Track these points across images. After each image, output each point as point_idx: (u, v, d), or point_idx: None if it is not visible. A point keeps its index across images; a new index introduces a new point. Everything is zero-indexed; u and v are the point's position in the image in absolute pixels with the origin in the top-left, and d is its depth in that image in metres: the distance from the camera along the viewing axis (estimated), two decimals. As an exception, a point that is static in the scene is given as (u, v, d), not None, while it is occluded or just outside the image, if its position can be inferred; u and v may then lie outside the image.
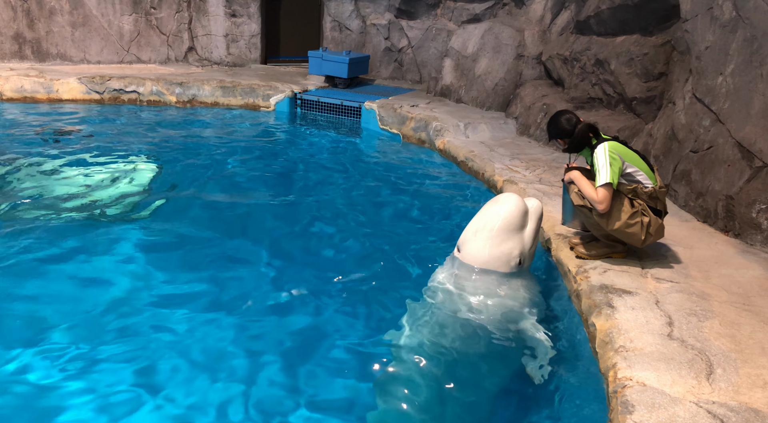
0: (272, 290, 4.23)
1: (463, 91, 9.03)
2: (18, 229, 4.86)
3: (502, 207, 3.88)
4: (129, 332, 3.68)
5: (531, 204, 4.00)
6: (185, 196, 5.82)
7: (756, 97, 4.48)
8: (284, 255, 4.76)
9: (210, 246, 4.82)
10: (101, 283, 4.22)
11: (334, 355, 3.59)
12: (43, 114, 8.53)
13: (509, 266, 3.87)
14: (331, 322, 3.90)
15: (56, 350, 3.47)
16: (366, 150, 7.88)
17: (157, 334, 3.67)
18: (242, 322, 3.84)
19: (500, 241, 3.84)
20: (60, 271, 4.33)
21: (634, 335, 3.19)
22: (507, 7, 9.50)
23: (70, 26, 10.29)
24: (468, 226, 4.01)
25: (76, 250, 4.60)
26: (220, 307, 3.99)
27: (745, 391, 2.78)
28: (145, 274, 4.34)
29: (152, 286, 4.21)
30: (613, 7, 6.80)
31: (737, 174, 4.56)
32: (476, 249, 3.88)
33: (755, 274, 3.99)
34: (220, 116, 9.06)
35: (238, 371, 3.40)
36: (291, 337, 3.71)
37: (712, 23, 5.01)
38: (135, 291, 4.13)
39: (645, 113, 6.42)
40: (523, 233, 3.91)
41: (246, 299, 4.09)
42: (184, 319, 3.83)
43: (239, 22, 11.04)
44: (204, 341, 3.63)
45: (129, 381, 3.27)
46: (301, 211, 5.63)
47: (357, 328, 3.86)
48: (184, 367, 3.41)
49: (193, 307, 3.98)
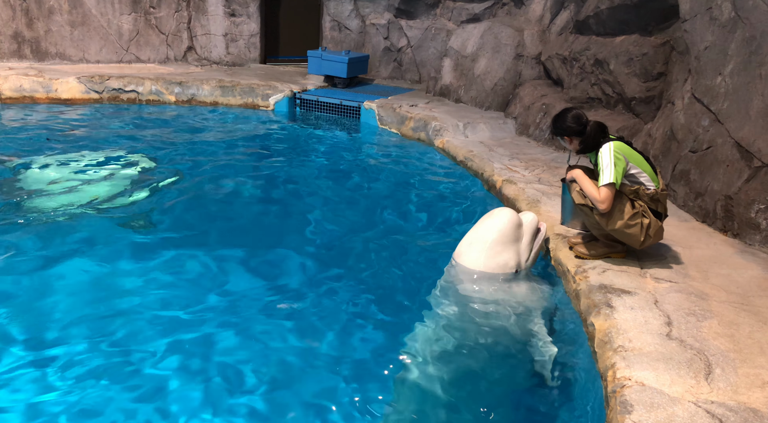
0: (268, 290, 4.23)
1: (462, 90, 9.03)
2: (17, 229, 4.85)
3: (496, 220, 4.03)
4: (128, 332, 3.67)
5: (526, 218, 4.15)
6: (184, 196, 5.81)
7: (755, 97, 4.48)
8: (282, 255, 4.76)
9: (208, 246, 4.82)
10: (100, 283, 4.21)
11: (331, 356, 3.58)
12: (41, 113, 8.53)
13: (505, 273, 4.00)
14: (330, 321, 3.90)
15: (51, 349, 3.47)
16: (365, 150, 7.88)
17: (155, 334, 3.66)
18: (240, 322, 3.83)
19: (495, 253, 3.97)
20: (57, 270, 4.31)
21: (633, 335, 3.19)
22: (506, 7, 9.51)
23: (69, 25, 10.29)
24: (463, 238, 4.15)
25: (73, 249, 4.59)
26: (219, 308, 3.99)
27: (744, 391, 2.78)
28: (142, 273, 4.33)
29: (150, 286, 4.20)
30: (612, 7, 6.80)
31: (736, 174, 4.56)
32: (471, 261, 4.01)
33: (754, 274, 3.99)
34: (219, 116, 9.05)
35: (236, 371, 3.39)
36: (289, 338, 3.71)
37: (711, 23, 5.02)
38: (133, 290, 4.12)
39: (644, 113, 6.43)
40: (518, 245, 4.05)
41: (244, 300, 4.08)
42: (182, 320, 3.83)
43: (238, 21, 11.04)
44: (202, 341, 3.63)
45: (123, 381, 3.26)
46: (300, 211, 5.63)
47: (355, 328, 3.85)
48: (182, 368, 3.41)
49: (191, 307, 3.98)
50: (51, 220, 5.05)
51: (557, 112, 4.18)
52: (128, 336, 3.64)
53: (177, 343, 3.59)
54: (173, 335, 3.66)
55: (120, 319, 3.79)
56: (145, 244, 4.77)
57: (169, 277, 4.32)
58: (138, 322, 3.77)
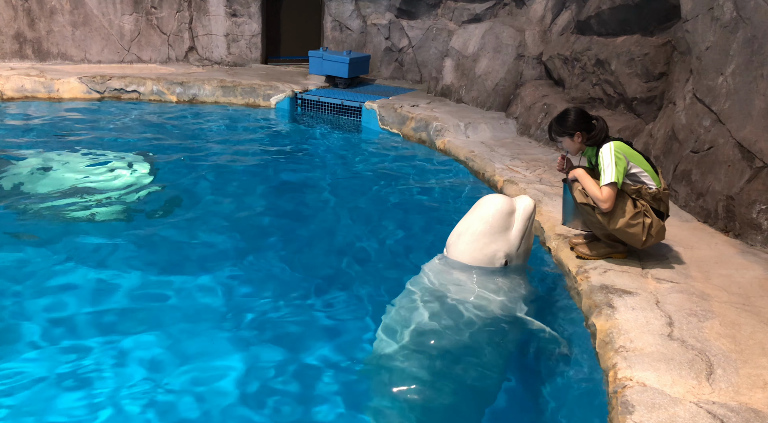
0: (267, 290, 4.23)
1: (463, 91, 9.03)
2: (15, 229, 4.86)
3: (484, 210, 3.87)
4: (125, 333, 3.67)
5: (522, 203, 3.91)
6: (184, 196, 5.82)
7: (756, 97, 4.48)
8: (281, 255, 4.76)
9: (208, 245, 4.82)
10: (99, 283, 4.20)
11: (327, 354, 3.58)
12: (43, 113, 8.53)
13: (494, 267, 3.88)
14: (329, 322, 3.90)
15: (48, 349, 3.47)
16: (366, 150, 7.88)
17: (153, 334, 3.66)
18: (239, 322, 3.84)
19: (483, 245, 3.83)
20: (54, 270, 4.31)
21: (635, 335, 3.19)
22: (507, 7, 9.50)
23: (70, 26, 10.30)
24: (454, 228, 4.02)
25: (72, 248, 4.59)
26: (218, 308, 3.99)
27: (745, 392, 2.78)
28: (142, 273, 4.32)
29: (148, 285, 4.20)
30: (613, 7, 6.80)
31: (738, 174, 4.56)
32: (459, 252, 3.89)
33: (755, 275, 3.99)
34: (221, 116, 9.06)
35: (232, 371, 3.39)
36: (287, 339, 3.71)
37: (712, 23, 5.02)
38: (131, 290, 4.12)
39: (645, 113, 6.42)
40: (509, 234, 3.86)
41: (243, 299, 4.09)
42: (180, 319, 3.83)
43: (240, 21, 11.04)
44: (199, 343, 3.63)
45: (118, 381, 3.24)
46: (301, 210, 5.64)
47: (353, 328, 3.85)
48: (179, 367, 3.41)
49: (188, 307, 3.98)
50: (47, 219, 5.06)
51: (556, 115, 4.14)
52: (124, 336, 3.62)
53: (175, 344, 3.59)
54: (172, 336, 3.66)
55: (114, 318, 3.80)
56: (142, 243, 4.77)
57: (164, 275, 4.31)
58: (129, 323, 3.76)
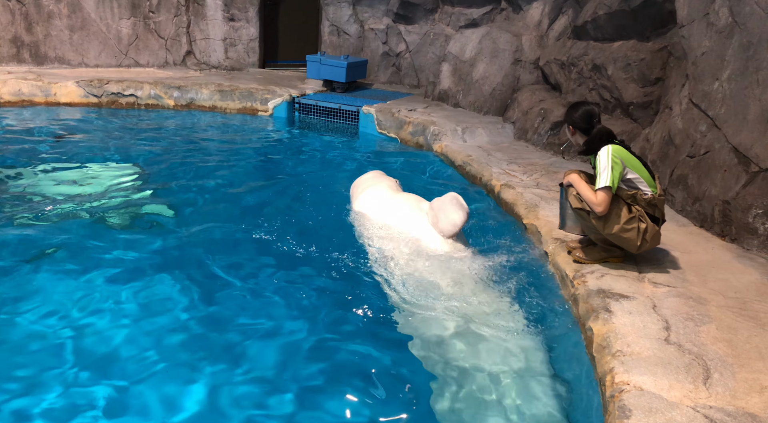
0: (266, 292, 4.23)
1: (460, 95, 9.05)
2: (14, 229, 4.85)
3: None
4: (125, 332, 3.68)
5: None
6: (181, 200, 5.81)
7: (752, 102, 4.50)
8: (281, 258, 4.75)
9: (205, 250, 4.81)
10: (98, 284, 4.20)
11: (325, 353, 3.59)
12: (40, 117, 8.53)
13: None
14: (328, 321, 3.91)
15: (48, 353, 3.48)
16: (363, 154, 7.89)
17: (152, 335, 3.67)
18: (238, 323, 3.84)
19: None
20: (52, 271, 4.31)
21: (632, 340, 3.19)
22: (504, 12, 9.54)
23: (68, 30, 10.30)
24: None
25: (71, 251, 4.59)
26: (216, 309, 3.99)
27: (742, 396, 2.78)
28: (137, 278, 4.32)
29: (147, 287, 4.20)
30: (610, 13, 6.83)
31: (734, 179, 4.57)
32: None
33: (752, 279, 4.00)
34: (218, 120, 9.06)
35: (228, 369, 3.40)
36: (286, 339, 3.72)
37: (708, 29, 5.04)
38: (129, 293, 4.12)
39: (642, 118, 6.45)
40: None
41: (240, 305, 4.08)
42: (179, 319, 3.83)
43: (237, 26, 11.06)
44: (198, 344, 3.63)
45: (113, 384, 3.25)
46: (298, 215, 5.63)
47: (352, 330, 3.85)
48: (177, 369, 3.40)
49: (187, 309, 3.98)
50: (44, 222, 5.04)
51: (573, 103, 4.17)
52: (124, 335, 3.63)
53: (171, 345, 3.60)
54: (169, 337, 3.66)
55: (113, 321, 3.79)
56: (141, 246, 4.76)
57: (161, 280, 4.30)
58: (133, 324, 3.76)
